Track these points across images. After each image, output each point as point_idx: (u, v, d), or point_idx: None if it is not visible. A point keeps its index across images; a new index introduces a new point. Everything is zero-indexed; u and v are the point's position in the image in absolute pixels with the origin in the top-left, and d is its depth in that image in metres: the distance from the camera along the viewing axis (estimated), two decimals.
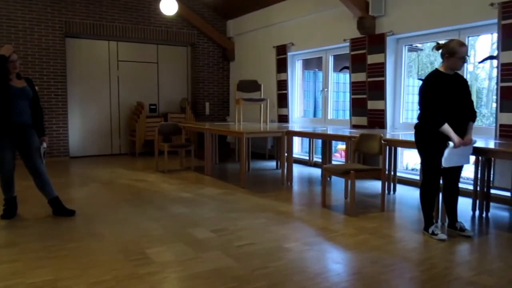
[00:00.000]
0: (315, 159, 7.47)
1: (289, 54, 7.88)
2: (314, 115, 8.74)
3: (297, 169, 6.89)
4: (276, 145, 7.54)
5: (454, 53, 3.43)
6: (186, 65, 9.54)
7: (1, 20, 7.37)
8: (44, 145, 4.19)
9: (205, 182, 6.01)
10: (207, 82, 9.53)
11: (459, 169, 3.63)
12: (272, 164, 7.66)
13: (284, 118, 8.06)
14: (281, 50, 7.97)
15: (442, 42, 3.63)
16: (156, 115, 9.03)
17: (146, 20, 8.68)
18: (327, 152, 6.40)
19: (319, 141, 7.46)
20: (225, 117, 9.69)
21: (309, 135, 6.50)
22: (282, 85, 8.04)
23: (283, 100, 8.06)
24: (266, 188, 5.58)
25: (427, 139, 3.53)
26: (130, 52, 8.79)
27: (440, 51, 3.52)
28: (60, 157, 7.98)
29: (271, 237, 3.53)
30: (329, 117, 7.47)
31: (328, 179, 6.03)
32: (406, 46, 6.18)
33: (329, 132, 5.61)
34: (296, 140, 8.08)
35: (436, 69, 3.55)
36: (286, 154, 5.89)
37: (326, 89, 7.45)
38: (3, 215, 4.10)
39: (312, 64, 8.94)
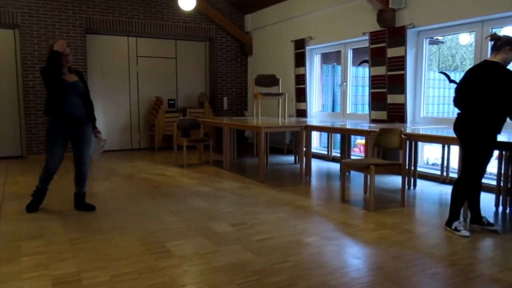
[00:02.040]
0: (333, 154, 7.43)
1: (307, 48, 7.83)
2: (333, 110, 8.68)
3: (315, 164, 6.86)
4: (294, 140, 7.52)
5: None
6: (204, 60, 9.58)
7: (24, 17, 7.50)
8: (101, 137, 4.30)
9: (224, 176, 6.03)
10: (225, 76, 9.55)
11: (488, 163, 3.53)
12: (290, 158, 7.65)
13: (302, 113, 8.03)
14: (300, 44, 7.92)
15: (498, 33, 3.48)
16: (175, 110, 9.09)
17: (164, 16, 8.72)
18: (346, 146, 6.35)
19: (338, 136, 7.42)
20: (243, 111, 9.70)
21: (328, 130, 6.46)
22: (300, 80, 8.00)
23: (301, 95, 8.02)
24: (285, 183, 5.58)
25: (482, 134, 3.34)
26: (149, 47, 8.86)
27: (493, 42, 3.36)
28: None
29: (290, 231, 3.53)
30: (347, 112, 7.41)
31: (347, 173, 5.99)
32: (427, 39, 6.07)
33: (348, 126, 5.57)
34: (315, 135, 8.05)
35: (497, 62, 3.33)
36: (304, 149, 5.87)
37: (344, 83, 7.39)
38: (28, 206, 4.18)
39: (331, 58, 8.86)
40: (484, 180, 3.71)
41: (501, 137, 3.56)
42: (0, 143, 7.71)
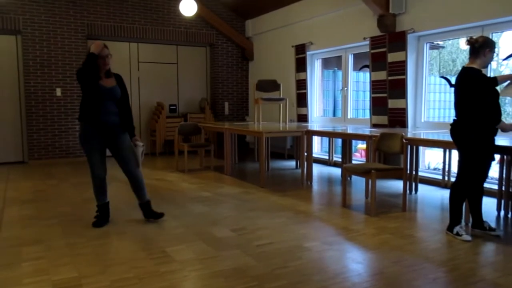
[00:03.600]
0: (335, 159, 7.42)
1: (308, 53, 7.84)
2: (334, 115, 8.68)
3: (316, 169, 6.85)
4: (296, 145, 7.52)
5: (493, 47, 3.33)
6: (205, 66, 9.60)
7: (26, 23, 7.54)
8: (140, 144, 3.98)
9: (225, 181, 6.03)
10: (226, 82, 9.57)
11: (489, 167, 3.53)
12: (292, 163, 7.64)
13: (303, 118, 8.03)
14: (300, 49, 7.94)
15: (474, 36, 3.48)
16: (176, 115, 9.11)
17: (165, 21, 8.76)
18: (347, 151, 6.35)
19: (339, 141, 7.41)
20: (244, 116, 9.70)
21: (329, 135, 6.46)
22: (301, 85, 8.01)
23: (302, 100, 8.03)
24: (286, 188, 5.57)
25: (475, 138, 3.34)
26: (150, 53, 8.88)
27: (471, 46, 3.35)
28: (82, 157, 8.10)
29: (291, 237, 3.52)
30: (348, 116, 7.41)
31: (348, 178, 5.98)
32: (428, 44, 6.08)
33: (349, 131, 5.57)
34: (316, 140, 8.04)
35: (474, 67, 3.34)
36: (305, 154, 5.87)
37: (345, 88, 7.39)
38: (95, 222, 3.86)
39: (332, 63, 8.88)
40: (485, 185, 3.70)
41: (502, 142, 3.55)
42: (1, 148, 7.72)
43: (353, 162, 6.58)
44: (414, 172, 5.28)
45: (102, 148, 3.85)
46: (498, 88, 3.38)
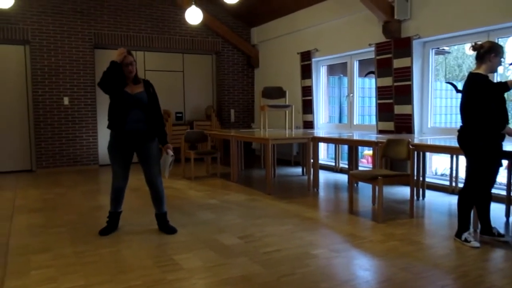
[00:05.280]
0: (341, 165, 7.41)
1: (313, 60, 7.86)
2: (340, 121, 8.67)
3: (323, 175, 6.84)
4: (302, 151, 7.52)
5: (499, 52, 3.32)
6: (211, 73, 9.65)
7: (34, 33, 7.64)
8: (171, 153, 3.85)
9: (231, 188, 6.03)
10: (232, 89, 9.61)
11: (496, 173, 3.51)
12: (298, 170, 7.63)
13: (309, 124, 8.03)
14: (306, 56, 7.96)
15: (479, 42, 3.48)
16: (182, 122, 9.15)
17: (171, 30, 8.83)
18: (353, 158, 6.34)
19: (345, 147, 7.40)
20: (250, 123, 9.73)
21: (335, 141, 6.45)
22: (307, 91, 8.02)
23: (308, 106, 8.04)
24: (292, 194, 5.56)
25: (483, 145, 3.32)
26: (156, 61, 8.95)
27: (477, 52, 3.34)
28: (89, 165, 8.17)
29: (298, 244, 3.52)
30: (354, 123, 7.41)
31: (355, 185, 5.97)
32: (433, 49, 6.08)
33: (355, 137, 5.57)
34: (322, 146, 8.04)
35: (479, 73, 3.33)
36: (312, 160, 5.87)
37: (351, 95, 7.40)
38: (102, 230, 3.84)
39: (337, 70, 8.90)
40: (494, 190, 3.68)
41: (510, 147, 3.53)
42: (9, 157, 7.79)
43: (360, 168, 6.56)
44: (421, 178, 5.26)
45: (126, 157, 3.81)
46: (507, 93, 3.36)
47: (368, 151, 8.25)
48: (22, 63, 7.81)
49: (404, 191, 5.54)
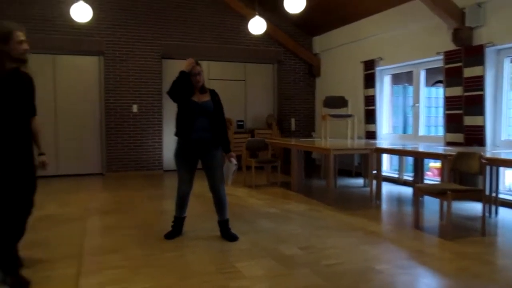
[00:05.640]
0: (405, 177, 7.16)
1: (377, 69, 7.70)
2: (404, 131, 8.40)
3: (385, 187, 6.65)
4: (363, 162, 7.36)
5: None
6: (272, 82, 9.73)
7: (108, 45, 8.13)
8: (234, 161, 3.96)
9: (292, 198, 6.03)
10: (293, 98, 9.63)
11: None
12: (359, 181, 7.48)
13: (371, 135, 7.85)
14: (369, 65, 7.81)
15: None
16: (244, 131, 9.29)
17: (235, 40, 9.03)
18: (419, 170, 6.10)
19: (409, 159, 7.15)
20: (311, 133, 9.68)
21: (400, 153, 6.25)
22: (370, 101, 7.86)
23: (370, 116, 7.87)
24: (354, 206, 5.45)
25: None
26: (219, 70, 9.17)
27: None
28: (154, 170, 8.52)
29: (361, 258, 3.44)
30: (420, 134, 7.14)
31: (420, 198, 5.73)
32: (508, 58, 5.73)
33: (421, 149, 5.36)
34: (385, 157, 7.82)
35: None
36: (374, 172, 5.73)
37: (417, 104, 7.14)
38: (167, 234, 3.99)
39: (402, 79, 8.63)
40: None
41: None
42: (83, 161, 8.30)
43: (425, 181, 6.30)
44: (493, 194, 4.96)
45: (192, 164, 3.93)
46: None
47: (434, 164, 7.90)
48: (96, 73, 8.32)
49: (474, 207, 5.25)
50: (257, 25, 7.48)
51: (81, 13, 6.41)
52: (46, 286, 2.87)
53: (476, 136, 5.77)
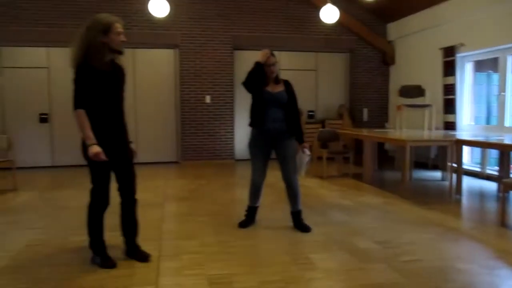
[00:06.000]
0: (488, 171, 6.70)
1: (458, 55, 7.24)
2: (487, 122, 7.84)
3: (465, 181, 6.26)
4: (441, 154, 6.99)
5: None
6: (344, 72, 9.52)
7: (183, 38, 8.40)
8: (307, 152, 3.96)
9: (364, 190, 5.89)
10: (365, 88, 9.36)
11: None
12: (437, 174, 7.12)
13: (450, 125, 7.42)
14: (449, 52, 7.36)
15: None
16: (314, 121, 9.20)
17: (307, 29, 8.93)
18: (504, 164, 5.68)
19: (493, 152, 6.67)
20: (384, 123, 9.35)
21: (484, 145, 5.84)
22: (449, 90, 7.42)
23: (449, 106, 7.43)
24: (431, 200, 5.21)
25: None
26: (291, 60, 9.12)
27: None
28: (226, 159, 8.72)
29: (441, 255, 3.29)
30: (506, 124, 6.63)
31: (506, 194, 5.34)
32: None
33: (508, 141, 4.98)
34: (465, 149, 7.36)
35: None
36: (454, 165, 5.42)
37: (503, 93, 6.63)
38: (241, 223, 4.07)
39: (485, 65, 8.04)
40: None
41: None
42: (160, 149, 8.70)
43: None
44: None
45: (266, 155, 3.96)
46: None
47: None
48: (171, 65, 8.65)
49: None
50: (329, 13, 7.32)
51: (159, 8, 6.67)
52: (131, 268, 3.06)
53: None
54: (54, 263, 3.17)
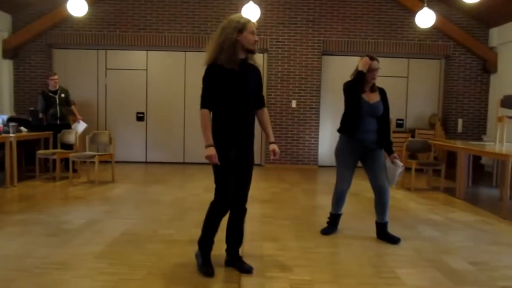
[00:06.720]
0: None
1: None
2: None
3: None
4: None
5: None
6: (438, 79, 9.01)
7: (272, 42, 8.53)
8: (400, 163, 3.81)
9: (457, 205, 5.51)
10: (461, 97, 8.77)
11: None
12: None
13: None
14: None
15: None
16: (403, 130, 8.82)
17: (399, 34, 8.60)
18: None
19: None
20: (481, 135, 8.69)
21: None
22: None
23: None
24: None
25: None
26: (381, 66, 8.70)
27: None
28: (309, 165, 8.67)
29: None
30: None
31: None
32: None
33: None
34: None
35: None
36: None
37: None
38: (324, 229, 4.03)
39: None
40: None
41: None
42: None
43: None
44: None
45: (353, 163, 3.88)
46: None
47: None
48: (260, 70, 8.78)
49: None
50: (425, 18, 7.00)
51: (250, 13, 6.83)
52: (215, 266, 3.14)
53: None
54: (146, 253, 3.37)
